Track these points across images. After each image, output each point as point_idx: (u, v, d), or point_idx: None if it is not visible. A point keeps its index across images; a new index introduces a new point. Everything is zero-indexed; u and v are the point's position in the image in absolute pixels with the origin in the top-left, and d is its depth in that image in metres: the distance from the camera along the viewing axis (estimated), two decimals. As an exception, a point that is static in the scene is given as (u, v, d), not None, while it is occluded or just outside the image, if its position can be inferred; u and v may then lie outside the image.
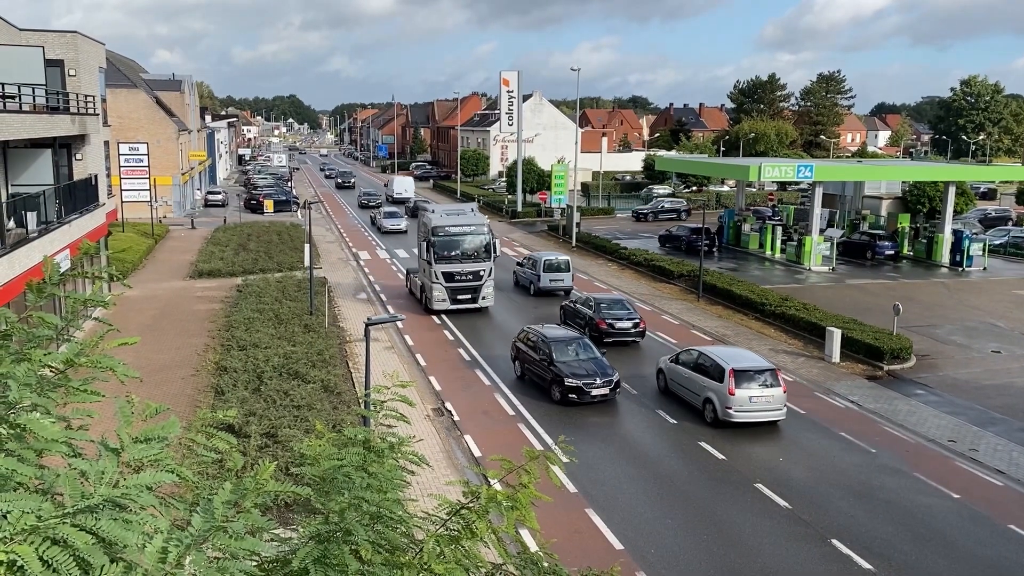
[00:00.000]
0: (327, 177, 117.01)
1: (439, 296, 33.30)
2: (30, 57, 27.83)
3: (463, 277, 33.50)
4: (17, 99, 26.01)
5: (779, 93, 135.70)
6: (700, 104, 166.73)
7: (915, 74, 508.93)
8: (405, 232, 56.86)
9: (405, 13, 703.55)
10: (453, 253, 33.57)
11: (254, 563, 3.56)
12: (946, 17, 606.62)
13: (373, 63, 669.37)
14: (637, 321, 29.68)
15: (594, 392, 23.04)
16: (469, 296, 33.64)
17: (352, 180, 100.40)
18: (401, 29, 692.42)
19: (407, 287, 38.57)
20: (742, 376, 21.46)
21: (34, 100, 27.39)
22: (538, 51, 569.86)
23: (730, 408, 21.40)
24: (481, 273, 33.73)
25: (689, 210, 67.88)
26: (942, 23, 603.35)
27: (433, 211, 35.63)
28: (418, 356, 28.53)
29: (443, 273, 33.30)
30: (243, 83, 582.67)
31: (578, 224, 55.21)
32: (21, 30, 31.40)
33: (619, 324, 29.34)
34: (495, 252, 34.32)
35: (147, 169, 52.62)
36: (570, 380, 23.09)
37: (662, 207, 69.40)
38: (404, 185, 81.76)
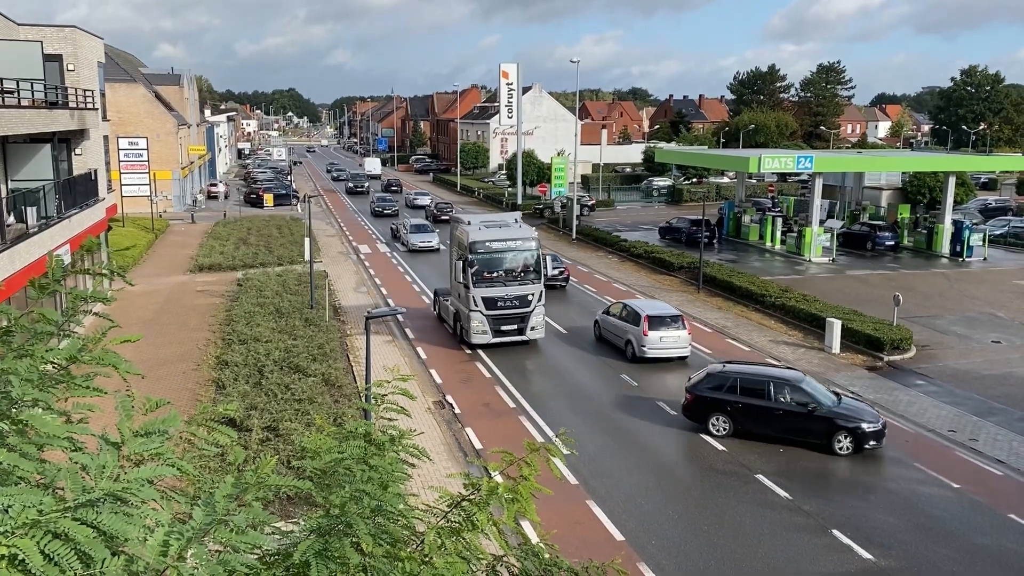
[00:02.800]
0: (335, 179, 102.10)
1: (479, 327, 27.58)
2: (29, 52, 27.77)
3: (508, 303, 27.79)
4: (16, 94, 25.96)
5: (779, 84, 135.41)
6: (700, 95, 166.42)
7: (919, 64, 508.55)
8: (438, 251, 47.19)
9: (411, 6, 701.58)
10: (495, 274, 28.05)
11: (255, 556, 3.58)
12: (954, 6, 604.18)
13: (376, 56, 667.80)
14: (563, 270, 38.34)
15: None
16: (515, 327, 27.91)
17: (365, 185, 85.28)
18: (405, 22, 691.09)
19: (434, 311, 33.02)
20: (654, 321, 26.56)
21: (33, 95, 27.34)
22: (542, 44, 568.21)
23: (644, 347, 26.45)
24: (529, 298, 27.96)
25: (593, 205, 65.93)
26: (949, 12, 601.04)
27: (469, 223, 29.35)
28: (419, 349, 28.56)
29: (483, 299, 27.58)
30: (245, 77, 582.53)
31: (578, 216, 55.12)
32: (20, 25, 31.34)
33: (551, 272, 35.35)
34: (546, 272, 29.48)
35: (147, 164, 52.58)
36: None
37: (564, 203, 67.50)
38: (373, 164, 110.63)
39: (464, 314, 28.29)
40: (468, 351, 28.19)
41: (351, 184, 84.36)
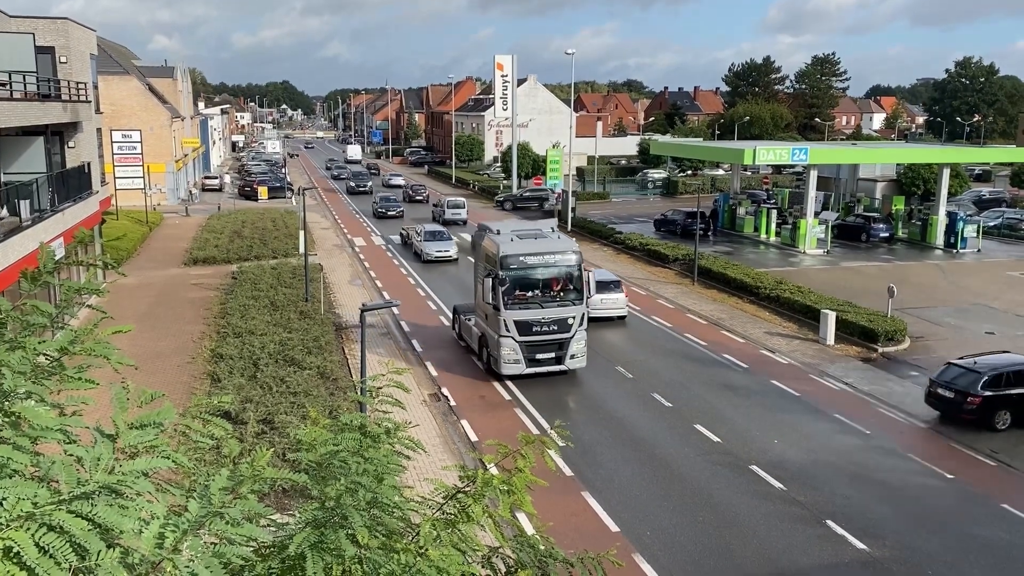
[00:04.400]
0: (335, 178, 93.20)
1: (510, 355, 23.94)
2: (20, 44, 27.65)
3: (545, 328, 24.13)
4: (8, 86, 25.85)
5: (774, 76, 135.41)
6: (695, 87, 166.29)
7: (914, 56, 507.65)
8: (456, 261, 42.56)
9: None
10: (530, 294, 24.52)
11: (251, 548, 3.58)
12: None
13: (371, 48, 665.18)
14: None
15: None
16: (552, 355, 24.30)
17: (368, 184, 77.97)
18: (402, 13, 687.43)
19: (454, 330, 29.36)
20: (598, 286, 28.41)
21: (25, 87, 27.22)
22: (539, 36, 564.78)
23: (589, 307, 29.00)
24: (569, 321, 24.27)
25: (555, 198, 64.17)
26: (946, 4, 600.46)
27: (499, 233, 25.64)
28: (414, 342, 28.56)
29: (516, 323, 23.86)
30: (238, 70, 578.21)
31: (574, 208, 55.11)
32: (11, 17, 31.18)
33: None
34: (589, 290, 25.32)
35: (140, 156, 52.38)
36: None
37: (523, 195, 66.96)
38: (355, 150, 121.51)
39: (492, 339, 24.48)
40: (463, 344, 28.17)
41: (352, 183, 77.77)
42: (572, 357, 24.47)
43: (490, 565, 4.66)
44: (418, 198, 70.74)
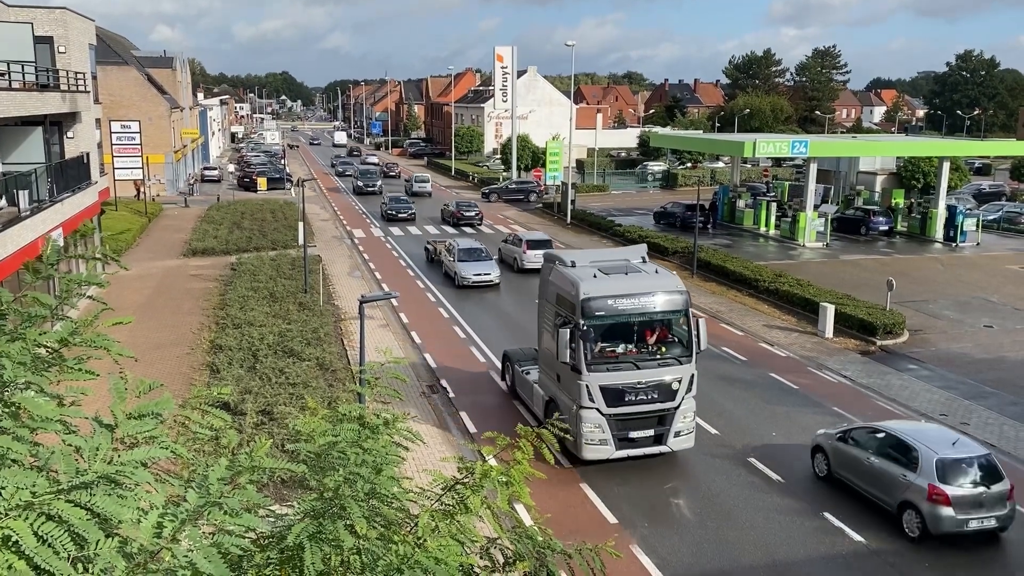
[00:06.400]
0: (340, 175, 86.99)
1: (594, 434, 17.91)
2: (19, 34, 27.53)
3: (642, 396, 18.03)
4: (7, 76, 25.79)
5: (774, 69, 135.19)
6: (695, 80, 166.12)
7: (917, 48, 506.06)
8: (497, 286, 35.45)
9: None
10: (621, 349, 18.55)
11: (250, 539, 3.59)
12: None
13: (373, 39, 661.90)
14: (477, 212, 53.04)
15: None
16: (651, 432, 18.29)
17: (377, 184, 71.09)
18: (406, 4, 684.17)
19: (504, 381, 23.37)
20: (531, 244, 38.01)
21: (24, 77, 27.15)
22: (542, 26, 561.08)
23: (524, 262, 37.68)
24: (674, 386, 18.25)
25: (539, 191, 64.88)
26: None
27: (573, 265, 19.33)
28: (413, 334, 28.56)
29: (603, 389, 17.86)
30: (238, 61, 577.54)
31: (573, 201, 55.08)
32: (9, 6, 31.08)
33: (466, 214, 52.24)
34: (700, 343, 18.81)
35: (139, 147, 52.29)
36: None
37: (509, 186, 67.04)
38: (340, 136, 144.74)
39: (568, 409, 18.19)
40: (463, 336, 28.12)
41: (360, 183, 71.05)
42: (677, 435, 18.36)
43: (488, 556, 4.68)
44: (392, 174, 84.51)
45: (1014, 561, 15.10)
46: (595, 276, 18.63)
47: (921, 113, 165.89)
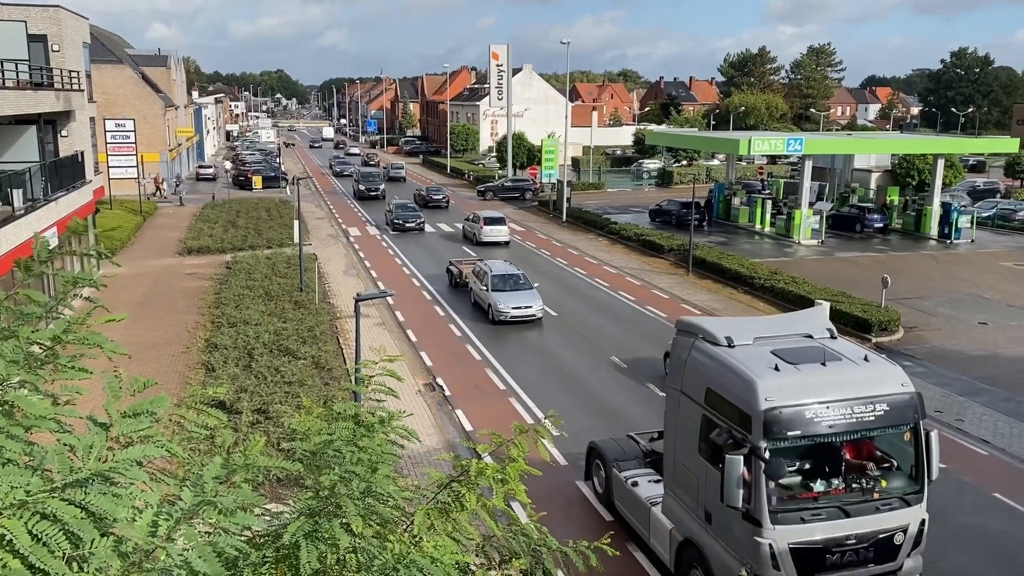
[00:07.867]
0: (338, 175, 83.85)
1: None
2: (12, 32, 27.45)
3: (851, 556, 11.88)
4: (0, 74, 25.71)
5: (769, 66, 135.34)
6: (691, 78, 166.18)
7: (912, 46, 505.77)
8: (540, 320, 29.38)
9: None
10: (819, 485, 12.00)
11: (245, 537, 3.59)
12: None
13: (370, 37, 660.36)
14: (445, 195, 60.17)
15: None
16: None
17: (381, 187, 66.16)
18: (402, 2, 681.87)
19: (589, 484, 17.32)
20: (488, 220, 44.76)
21: (17, 76, 27.06)
22: (539, 24, 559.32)
23: (481, 237, 44.22)
24: (896, 539, 12.24)
25: (535, 189, 64.81)
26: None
27: (730, 344, 12.84)
28: (409, 332, 28.54)
29: (795, 553, 11.56)
30: (233, 59, 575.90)
31: (569, 199, 55.08)
32: (2, 4, 30.95)
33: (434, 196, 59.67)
34: (932, 470, 12.80)
35: (134, 146, 52.18)
36: None
37: (503, 185, 66.91)
38: (328, 131, 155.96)
39: (726, 570, 12.11)
40: (459, 333, 28.07)
41: (362, 187, 66.79)
42: None
43: (484, 554, 4.68)
44: (371, 163, 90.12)
45: (1014, 561, 15.14)
46: (776, 369, 11.98)
47: (916, 110, 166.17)
